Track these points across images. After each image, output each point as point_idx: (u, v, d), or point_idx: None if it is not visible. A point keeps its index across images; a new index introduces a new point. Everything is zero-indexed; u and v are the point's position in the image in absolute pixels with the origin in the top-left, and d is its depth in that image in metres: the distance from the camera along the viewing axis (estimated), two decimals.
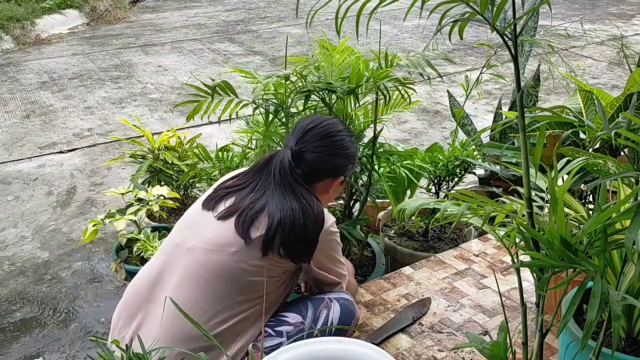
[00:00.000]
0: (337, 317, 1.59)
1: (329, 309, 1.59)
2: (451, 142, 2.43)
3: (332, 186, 1.63)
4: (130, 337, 1.50)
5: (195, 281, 1.46)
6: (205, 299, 1.45)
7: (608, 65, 5.56)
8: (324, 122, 1.60)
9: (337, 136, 1.59)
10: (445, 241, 2.43)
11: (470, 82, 2.40)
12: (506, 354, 1.22)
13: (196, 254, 1.48)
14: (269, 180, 1.52)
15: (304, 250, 1.51)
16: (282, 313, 1.58)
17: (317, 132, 1.57)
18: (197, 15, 8.14)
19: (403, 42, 6.49)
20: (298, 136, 1.57)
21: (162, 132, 2.88)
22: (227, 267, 1.46)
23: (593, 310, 0.93)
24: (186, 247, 1.51)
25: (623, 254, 1.28)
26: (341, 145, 1.59)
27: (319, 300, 1.62)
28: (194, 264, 1.48)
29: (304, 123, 1.60)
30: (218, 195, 1.56)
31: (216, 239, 1.48)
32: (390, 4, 0.96)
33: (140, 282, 1.57)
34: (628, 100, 2.00)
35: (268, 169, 1.54)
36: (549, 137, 2.05)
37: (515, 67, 1.05)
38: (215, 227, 1.50)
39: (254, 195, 1.51)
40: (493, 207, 1.17)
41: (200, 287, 1.46)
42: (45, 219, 3.15)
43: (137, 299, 1.54)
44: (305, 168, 1.55)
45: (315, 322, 1.56)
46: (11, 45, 6.63)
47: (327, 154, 1.57)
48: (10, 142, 4.15)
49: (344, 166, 1.62)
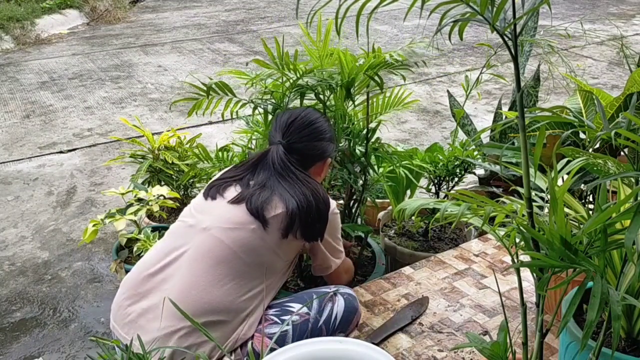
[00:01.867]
0: (341, 311, 1.66)
1: (333, 303, 1.66)
2: (451, 142, 2.43)
3: (323, 168, 1.76)
4: (138, 313, 1.53)
5: (216, 257, 1.54)
6: (226, 273, 1.53)
7: (608, 65, 5.56)
8: (302, 113, 1.73)
9: (317, 123, 1.72)
10: (445, 241, 2.43)
11: (470, 82, 2.40)
12: (506, 354, 1.22)
13: (214, 232, 1.56)
14: (270, 172, 1.63)
15: (320, 230, 1.64)
16: (287, 304, 1.64)
17: (299, 124, 1.69)
18: (197, 15, 8.14)
19: (403, 42, 6.49)
20: (283, 130, 1.69)
21: (162, 132, 2.88)
22: (248, 242, 1.55)
23: (593, 310, 0.93)
24: (201, 227, 1.59)
25: (623, 254, 1.28)
26: (322, 130, 1.72)
27: (323, 293, 1.68)
28: (211, 241, 1.56)
29: (284, 118, 1.72)
30: (218, 185, 1.66)
31: (234, 219, 1.57)
32: (390, 4, 0.96)
33: (149, 262, 1.62)
34: (628, 100, 2.00)
35: (265, 162, 1.65)
36: (549, 137, 2.05)
37: (515, 67, 1.05)
38: (229, 209, 1.59)
39: (255, 182, 1.62)
40: (493, 207, 1.17)
41: (221, 262, 1.53)
42: (45, 219, 3.15)
43: (146, 277, 1.59)
44: (298, 157, 1.67)
45: (320, 314, 1.63)
46: (11, 45, 6.63)
47: (313, 141, 1.70)
48: (10, 142, 4.15)
49: (328, 148, 1.75)
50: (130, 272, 1.64)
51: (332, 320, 1.64)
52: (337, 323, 1.65)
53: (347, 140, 2.05)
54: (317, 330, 1.62)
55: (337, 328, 1.66)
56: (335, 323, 1.64)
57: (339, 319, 1.65)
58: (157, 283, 1.56)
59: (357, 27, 0.97)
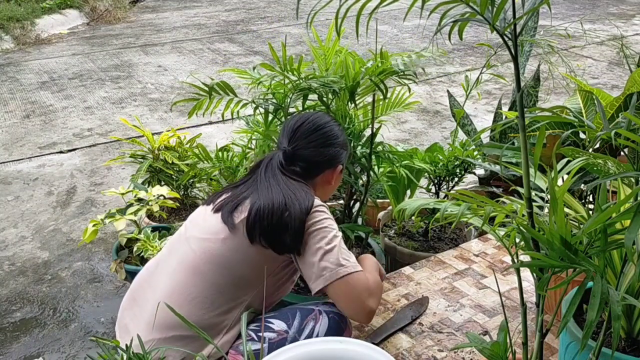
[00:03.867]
0: (323, 331, 1.52)
1: (316, 321, 1.53)
2: (451, 142, 2.43)
3: (333, 176, 1.65)
4: (130, 318, 1.54)
5: (189, 268, 1.50)
6: (196, 285, 1.47)
7: (608, 65, 5.56)
8: (310, 117, 1.63)
9: (326, 127, 1.62)
10: (445, 241, 2.43)
11: (470, 82, 2.40)
12: (506, 354, 1.22)
13: (191, 242, 1.53)
14: (258, 177, 1.57)
15: (291, 241, 1.45)
16: (268, 318, 1.53)
17: (306, 129, 1.60)
18: (197, 15, 8.14)
19: (403, 42, 6.49)
20: (289, 136, 1.60)
21: (162, 132, 2.88)
22: (217, 254, 1.48)
23: (593, 310, 0.93)
24: (185, 237, 1.57)
25: (623, 254, 1.28)
26: (332, 135, 1.62)
27: (308, 310, 1.56)
28: (188, 252, 1.52)
29: (291, 122, 1.63)
30: (220, 192, 1.63)
31: (208, 228, 1.53)
32: (390, 4, 0.96)
33: (145, 270, 1.64)
34: (628, 100, 2.00)
35: (259, 168, 1.59)
36: (549, 137, 2.05)
37: (515, 67, 1.05)
38: (209, 217, 1.55)
39: (243, 188, 1.56)
40: (493, 207, 1.17)
41: (193, 274, 1.49)
42: (45, 219, 3.15)
43: (139, 285, 1.60)
44: (304, 164, 1.58)
45: (299, 333, 1.50)
46: (11, 45, 6.63)
47: (321, 147, 1.60)
48: (10, 142, 4.14)
49: (339, 154, 1.64)
50: (136, 276, 1.65)
51: None
52: None
53: (348, 141, 2.05)
54: None
55: None
56: None
57: None
58: (144, 290, 1.56)
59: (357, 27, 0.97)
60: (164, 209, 2.64)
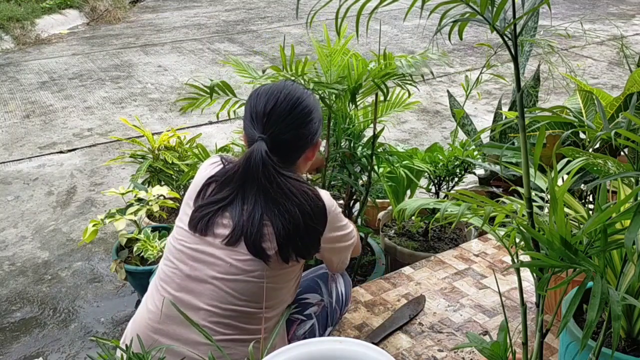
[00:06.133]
0: (343, 286, 1.67)
1: (336, 282, 1.65)
2: (451, 142, 2.43)
3: (313, 152, 1.51)
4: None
5: (228, 307, 1.38)
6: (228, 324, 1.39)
7: (608, 65, 5.56)
8: (280, 94, 1.41)
9: (302, 103, 1.42)
10: (445, 241, 2.43)
11: (470, 82, 2.40)
12: (506, 354, 1.22)
13: (219, 284, 1.37)
14: (256, 186, 1.37)
15: (315, 245, 1.44)
16: (300, 296, 1.59)
17: (281, 110, 1.40)
18: (197, 15, 8.14)
19: (403, 42, 6.49)
20: (262, 122, 1.39)
21: (162, 132, 2.88)
22: (257, 290, 1.38)
23: (593, 310, 0.93)
24: (202, 279, 1.39)
25: (623, 254, 1.28)
26: (309, 110, 1.43)
27: (323, 275, 1.66)
28: (220, 294, 1.38)
29: (259, 105, 1.41)
30: (207, 215, 1.39)
31: (236, 267, 1.37)
32: (390, 4, 0.96)
33: (150, 314, 1.43)
34: (628, 100, 2.00)
35: (251, 173, 1.37)
36: (549, 137, 2.05)
37: (515, 67, 1.05)
38: (227, 253, 1.38)
39: (247, 207, 1.37)
40: (493, 207, 1.17)
41: (235, 310, 1.39)
42: (45, 219, 3.15)
43: (151, 329, 1.41)
44: (283, 151, 1.40)
45: (331, 296, 1.62)
46: (11, 45, 6.63)
47: (301, 127, 1.42)
48: (10, 142, 4.14)
49: (317, 129, 1.48)
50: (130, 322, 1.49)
51: (341, 298, 1.65)
52: (344, 299, 1.67)
53: (348, 141, 2.05)
54: (333, 312, 1.63)
55: (345, 304, 1.69)
56: (343, 300, 1.66)
57: (345, 295, 1.67)
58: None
59: (357, 27, 0.97)
60: (164, 209, 2.64)
